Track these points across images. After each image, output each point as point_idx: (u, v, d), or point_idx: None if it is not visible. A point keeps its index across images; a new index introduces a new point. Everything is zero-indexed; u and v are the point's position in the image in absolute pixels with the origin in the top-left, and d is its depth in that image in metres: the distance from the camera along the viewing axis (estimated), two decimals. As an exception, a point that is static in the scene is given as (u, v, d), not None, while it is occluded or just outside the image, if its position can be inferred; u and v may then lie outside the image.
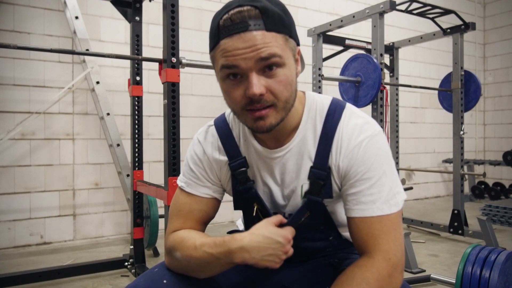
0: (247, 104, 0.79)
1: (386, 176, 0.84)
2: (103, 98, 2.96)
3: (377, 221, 0.82)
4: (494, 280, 1.57)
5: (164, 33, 1.89)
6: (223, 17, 0.77)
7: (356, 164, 0.84)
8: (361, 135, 0.85)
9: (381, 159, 0.85)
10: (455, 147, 3.21)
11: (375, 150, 0.85)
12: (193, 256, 0.86)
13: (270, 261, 0.81)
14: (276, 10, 0.77)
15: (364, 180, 0.84)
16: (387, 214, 0.82)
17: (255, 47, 0.75)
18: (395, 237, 0.83)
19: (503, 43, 5.88)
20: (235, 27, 0.75)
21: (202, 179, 0.97)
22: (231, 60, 0.76)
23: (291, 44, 0.81)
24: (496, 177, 5.68)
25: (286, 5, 0.83)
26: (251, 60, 0.75)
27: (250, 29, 0.75)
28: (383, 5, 2.62)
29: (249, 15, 0.75)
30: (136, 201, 2.43)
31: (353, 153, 0.85)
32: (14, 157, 2.94)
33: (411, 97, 5.24)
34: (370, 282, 0.78)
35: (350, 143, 0.85)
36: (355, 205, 0.84)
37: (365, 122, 0.88)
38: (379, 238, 0.82)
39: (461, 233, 3.11)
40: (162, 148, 3.38)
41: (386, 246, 0.81)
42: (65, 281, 2.27)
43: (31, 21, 3.00)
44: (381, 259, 0.81)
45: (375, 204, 0.82)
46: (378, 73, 2.62)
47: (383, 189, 0.83)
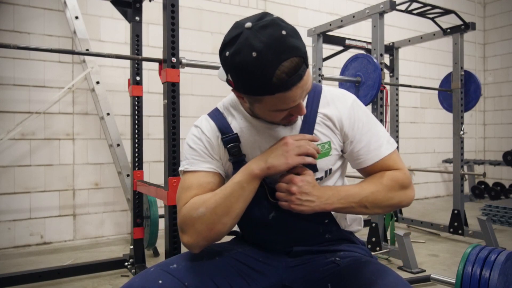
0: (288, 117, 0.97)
1: (377, 125, 1.07)
2: (103, 98, 2.96)
3: (388, 158, 1.04)
4: (494, 280, 1.57)
5: (164, 33, 1.88)
6: (275, 74, 0.83)
7: (357, 121, 1.03)
8: (349, 99, 1.06)
9: (369, 114, 1.08)
10: (455, 147, 3.21)
11: (363, 108, 1.07)
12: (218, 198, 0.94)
13: (280, 158, 0.94)
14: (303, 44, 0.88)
15: (366, 133, 1.04)
16: (392, 151, 1.05)
17: (304, 86, 0.89)
18: (403, 163, 1.06)
19: (503, 43, 5.88)
20: (294, 80, 0.85)
21: (203, 155, 1.04)
22: (291, 104, 0.90)
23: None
24: (496, 177, 5.68)
25: (286, 5, 0.84)
26: (303, 96, 0.91)
27: (303, 75, 0.87)
28: (383, 5, 2.62)
29: (300, 66, 0.85)
30: (136, 201, 2.43)
31: (351, 112, 1.04)
32: (14, 157, 2.94)
33: (411, 97, 5.24)
34: (386, 178, 1.01)
35: (345, 105, 1.05)
36: (368, 154, 1.04)
37: (342, 90, 1.10)
38: (395, 165, 1.04)
39: (461, 233, 3.11)
40: (162, 148, 3.38)
41: (402, 165, 1.05)
42: (65, 281, 2.27)
43: (31, 21, 3.00)
44: (399, 171, 1.03)
45: (382, 147, 1.04)
46: (378, 73, 2.62)
47: (381, 135, 1.06)
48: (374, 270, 0.93)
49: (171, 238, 1.84)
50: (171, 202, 1.82)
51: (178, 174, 1.85)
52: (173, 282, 0.90)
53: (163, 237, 1.90)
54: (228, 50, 0.86)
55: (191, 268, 0.95)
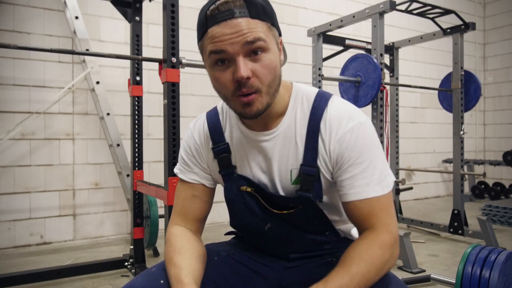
0: (236, 89, 0.83)
1: (377, 160, 0.89)
2: (103, 98, 2.96)
3: (375, 200, 0.88)
4: (494, 280, 1.57)
5: (164, 33, 1.88)
6: (210, 7, 0.81)
7: (349, 150, 0.88)
8: (351, 122, 0.90)
9: (371, 144, 0.90)
10: (455, 147, 3.22)
11: (365, 136, 0.89)
12: (166, 269, 0.92)
13: None
14: (259, 0, 0.82)
15: (357, 165, 0.88)
16: (381, 195, 0.88)
17: (241, 32, 0.79)
18: (392, 214, 0.89)
19: (503, 43, 5.88)
20: (222, 15, 0.79)
21: (191, 165, 1.02)
22: (219, 46, 0.80)
23: (274, 32, 0.86)
24: (496, 177, 5.68)
25: (286, 5, 0.85)
26: (238, 44, 0.80)
27: (236, 16, 0.79)
28: (383, 5, 2.62)
29: (234, 5, 0.80)
30: (136, 201, 2.43)
31: (344, 139, 0.89)
32: (14, 157, 2.94)
33: (411, 97, 5.24)
34: (375, 250, 0.84)
35: (340, 129, 0.89)
36: (350, 189, 0.88)
37: (352, 109, 0.92)
38: (380, 215, 0.88)
39: (461, 233, 3.11)
40: (162, 148, 3.38)
41: (388, 221, 0.88)
42: (65, 281, 2.27)
43: (31, 21, 3.00)
44: (384, 231, 0.87)
45: (369, 186, 0.87)
46: (378, 73, 2.62)
47: (375, 172, 0.88)
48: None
49: (171, 238, 1.84)
50: (171, 202, 1.82)
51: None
52: None
53: (163, 237, 1.90)
54: None
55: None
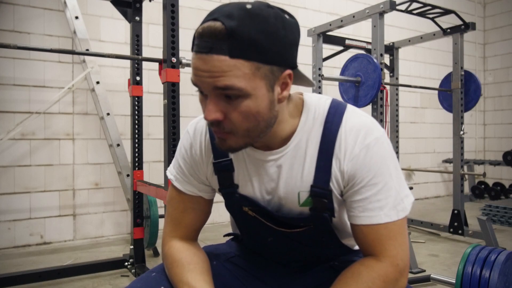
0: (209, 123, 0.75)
1: (392, 180, 0.80)
2: (103, 98, 2.96)
3: (384, 227, 0.80)
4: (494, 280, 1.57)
5: (164, 33, 1.88)
6: (199, 28, 0.71)
7: (362, 169, 0.80)
8: (368, 138, 0.80)
9: (388, 162, 0.80)
10: (455, 147, 3.21)
11: (382, 153, 0.80)
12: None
13: None
14: (252, 32, 0.67)
15: (370, 186, 0.80)
16: (394, 220, 0.80)
17: (212, 73, 0.68)
18: (402, 242, 0.81)
19: (503, 43, 5.88)
20: (201, 46, 0.69)
21: (188, 176, 0.93)
22: (195, 79, 0.72)
23: (268, 72, 0.71)
24: (496, 177, 5.68)
25: (285, 5, 0.83)
26: (209, 85, 0.70)
27: (212, 52, 0.68)
28: (383, 5, 2.62)
29: (216, 37, 0.67)
30: (136, 201, 2.43)
31: (359, 157, 0.80)
32: (14, 157, 2.94)
33: (411, 97, 5.24)
34: (377, 283, 0.78)
35: (355, 147, 0.80)
36: (362, 212, 0.81)
37: (370, 122, 0.83)
38: (387, 244, 0.80)
39: (461, 233, 3.11)
40: (162, 148, 3.38)
41: (394, 252, 0.80)
42: (65, 281, 2.27)
43: (31, 21, 3.00)
44: (389, 264, 0.79)
45: (383, 210, 0.79)
46: (378, 73, 2.62)
47: (390, 194, 0.80)
48: None
49: (171, 238, 1.84)
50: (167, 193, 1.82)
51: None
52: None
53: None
54: None
55: None
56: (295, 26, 0.74)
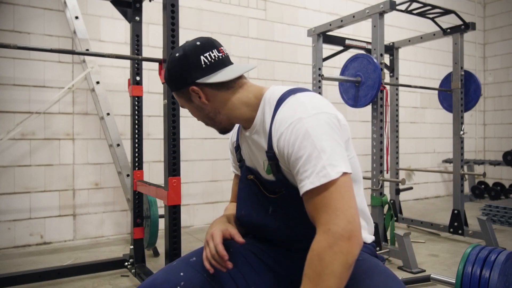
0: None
1: (316, 151, 0.87)
2: (103, 98, 2.96)
3: (314, 194, 0.86)
4: (494, 280, 1.57)
5: (164, 33, 1.88)
6: None
7: (287, 146, 0.92)
8: (290, 119, 0.93)
9: (310, 137, 0.88)
10: (455, 147, 3.22)
11: (303, 130, 0.89)
12: None
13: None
14: (166, 76, 1.10)
15: (297, 159, 0.90)
16: (317, 186, 0.85)
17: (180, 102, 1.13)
18: (335, 207, 0.83)
19: (503, 43, 5.88)
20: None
21: (231, 159, 1.30)
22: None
23: (181, 93, 1.08)
24: (496, 177, 5.68)
25: (286, 5, 0.84)
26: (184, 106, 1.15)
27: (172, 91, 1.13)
28: (383, 5, 2.62)
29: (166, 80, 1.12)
30: (136, 201, 2.43)
31: (282, 134, 0.93)
32: (14, 157, 2.94)
33: (411, 97, 5.24)
34: (311, 258, 0.83)
35: (281, 126, 0.94)
36: (299, 184, 0.90)
37: (301, 105, 0.94)
38: (319, 211, 0.85)
39: (461, 233, 3.11)
40: (162, 148, 3.38)
41: (326, 218, 0.84)
42: (65, 281, 2.27)
43: (31, 21, 3.00)
44: (320, 232, 0.84)
45: (309, 178, 0.86)
46: (378, 73, 2.62)
47: (315, 164, 0.86)
48: (365, 269, 0.93)
49: (171, 238, 1.84)
50: (171, 202, 1.82)
51: (178, 174, 1.85)
52: (193, 273, 1.02)
53: (163, 237, 1.90)
54: None
55: None
56: (182, 58, 1.06)
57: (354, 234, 0.82)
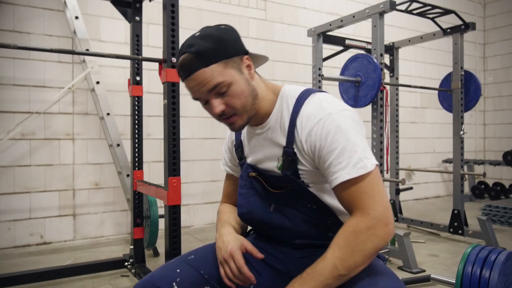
0: (218, 117, 1.02)
1: (350, 144, 0.93)
2: (103, 98, 2.96)
3: (351, 184, 0.91)
4: (494, 280, 1.57)
5: (164, 33, 1.88)
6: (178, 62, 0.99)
7: (318, 140, 0.95)
8: (320, 114, 0.97)
9: (341, 130, 0.94)
10: (455, 147, 3.22)
11: (335, 124, 0.94)
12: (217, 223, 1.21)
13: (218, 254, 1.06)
14: (208, 45, 0.95)
15: (330, 152, 0.94)
16: (355, 177, 0.91)
17: (201, 83, 0.96)
18: (373, 195, 0.91)
19: (503, 43, 5.88)
20: (183, 73, 0.99)
21: (226, 160, 1.27)
22: (194, 95, 1.01)
23: (232, 63, 0.98)
24: (496, 177, 5.68)
25: (286, 5, 0.84)
26: (204, 92, 0.97)
27: (193, 72, 0.96)
28: (383, 5, 2.62)
29: (189, 61, 0.96)
30: (136, 201, 2.43)
31: (312, 130, 0.97)
32: (14, 157, 2.94)
33: (411, 97, 5.24)
34: (346, 234, 0.89)
35: (309, 121, 0.98)
36: (332, 176, 0.94)
37: (328, 104, 0.99)
38: (357, 198, 0.91)
39: (461, 233, 3.11)
40: (162, 148, 3.38)
41: (365, 204, 0.90)
42: (65, 281, 2.27)
43: (31, 21, 3.00)
44: (359, 215, 0.90)
45: (344, 170, 0.92)
46: (378, 73, 2.62)
47: (350, 156, 0.92)
48: (367, 268, 0.93)
49: (171, 238, 1.84)
50: (171, 202, 1.82)
51: (178, 174, 1.85)
52: (190, 270, 1.03)
53: (163, 237, 1.90)
54: None
55: (206, 258, 1.08)
56: (231, 29, 1.02)
57: (390, 221, 0.90)
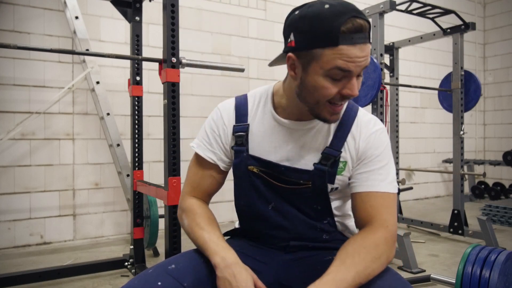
0: (337, 99, 0.93)
1: (391, 163, 1.03)
2: (103, 98, 2.96)
3: (380, 196, 0.98)
4: (494, 280, 1.57)
5: (164, 33, 1.88)
6: (345, 24, 0.84)
7: (373, 148, 1.02)
8: (376, 126, 1.05)
9: (389, 148, 1.05)
10: (455, 147, 3.22)
11: (386, 140, 1.05)
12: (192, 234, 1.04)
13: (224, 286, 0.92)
14: (309, 22, 0.89)
15: (376, 162, 1.01)
16: (389, 192, 0.99)
17: (366, 56, 0.88)
18: (393, 212, 0.99)
19: (503, 43, 5.88)
20: (360, 37, 0.86)
21: (213, 144, 1.10)
22: (350, 66, 0.87)
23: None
24: (496, 177, 5.68)
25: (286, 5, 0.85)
26: (361, 67, 0.89)
27: (367, 42, 0.88)
28: (383, 5, 2.63)
29: (367, 29, 0.87)
30: (136, 201, 2.43)
31: (370, 138, 1.02)
32: (14, 157, 2.94)
33: (411, 97, 5.24)
34: (368, 244, 0.92)
35: (368, 130, 1.03)
36: (365, 181, 1.00)
37: (376, 119, 1.08)
38: (381, 210, 0.97)
39: (461, 233, 3.11)
40: (162, 148, 3.38)
41: (386, 216, 0.97)
42: (65, 281, 2.27)
43: (31, 21, 3.00)
44: (379, 226, 0.95)
45: (383, 182, 0.99)
46: (378, 73, 2.62)
47: (389, 172, 1.01)
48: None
49: (171, 238, 1.84)
50: (171, 202, 1.82)
51: (178, 174, 1.85)
52: (172, 283, 0.90)
53: (163, 237, 1.90)
54: (299, 9, 0.92)
55: (189, 268, 0.95)
56: None
57: (396, 240, 0.98)
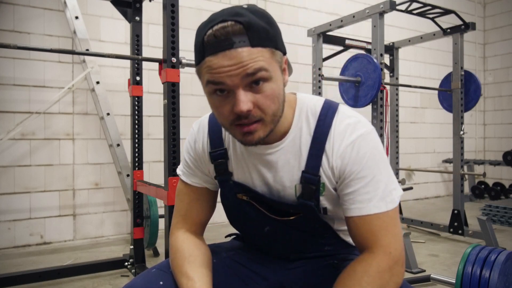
0: (235, 119, 0.79)
1: (381, 174, 0.85)
2: (103, 98, 2.96)
3: (375, 218, 0.83)
4: (494, 280, 1.57)
5: (164, 33, 1.88)
6: (207, 32, 0.75)
7: (350, 164, 0.84)
8: (353, 135, 0.85)
9: (375, 157, 0.85)
10: (455, 147, 3.21)
11: (368, 148, 0.85)
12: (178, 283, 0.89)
13: None
14: (261, 23, 0.75)
15: (359, 179, 0.84)
16: (384, 211, 0.83)
17: (240, 64, 0.73)
18: (394, 233, 0.84)
19: (503, 43, 5.88)
20: (220, 44, 0.73)
21: (193, 168, 1.00)
22: (217, 77, 0.76)
23: (277, 56, 0.79)
24: (496, 177, 5.68)
25: (286, 5, 0.84)
26: (237, 77, 0.74)
27: (235, 47, 0.73)
28: (383, 5, 2.62)
29: (233, 31, 0.73)
30: (136, 201, 2.43)
31: (345, 152, 0.85)
32: (14, 157, 2.94)
33: (411, 97, 5.23)
34: (371, 275, 0.80)
35: (342, 143, 0.85)
36: (352, 205, 0.85)
37: (356, 121, 0.87)
38: (379, 234, 0.83)
39: (461, 233, 3.11)
40: (162, 148, 3.38)
41: (386, 241, 0.83)
42: (65, 281, 2.27)
43: (31, 21, 3.00)
44: (381, 253, 0.82)
45: (372, 202, 0.83)
46: (378, 73, 2.62)
47: (379, 187, 0.84)
48: None
49: (171, 238, 1.84)
50: (171, 202, 1.82)
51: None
52: (174, 283, 0.90)
53: (163, 237, 1.90)
54: None
55: None
56: None
57: (404, 261, 0.85)
